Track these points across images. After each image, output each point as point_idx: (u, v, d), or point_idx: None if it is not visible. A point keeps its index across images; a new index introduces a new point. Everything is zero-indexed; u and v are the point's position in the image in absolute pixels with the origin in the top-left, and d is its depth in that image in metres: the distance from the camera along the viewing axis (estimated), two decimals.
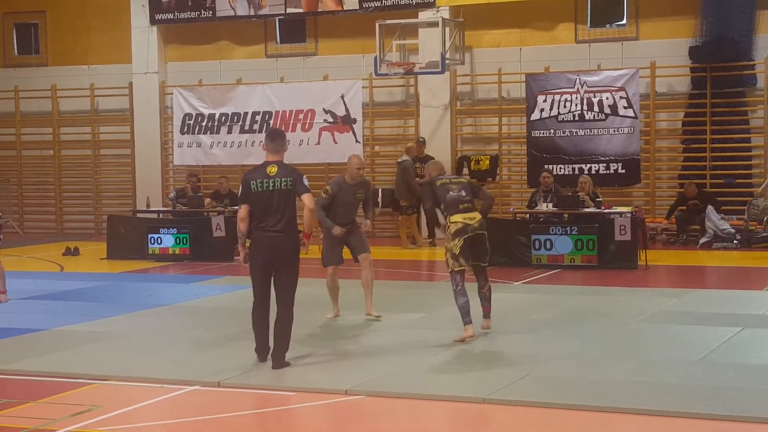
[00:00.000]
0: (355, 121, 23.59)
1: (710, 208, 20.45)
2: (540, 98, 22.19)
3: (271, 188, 9.86)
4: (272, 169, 9.94)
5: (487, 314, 11.51)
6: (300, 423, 8.45)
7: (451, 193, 11.33)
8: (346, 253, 12.67)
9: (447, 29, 21.41)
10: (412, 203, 21.19)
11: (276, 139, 10.16)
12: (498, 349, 10.71)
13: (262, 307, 10.08)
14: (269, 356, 10.03)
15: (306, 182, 9.96)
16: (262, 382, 9.41)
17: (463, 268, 11.13)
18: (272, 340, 10.06)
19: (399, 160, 21.53)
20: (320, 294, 13.14)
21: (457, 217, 11.19)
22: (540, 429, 7.95)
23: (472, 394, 8.79)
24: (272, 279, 10.04)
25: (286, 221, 9.88)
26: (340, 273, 12.68)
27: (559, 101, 22.07)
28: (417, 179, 20.69)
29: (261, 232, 9.94)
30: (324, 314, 12.67)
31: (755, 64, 21.54)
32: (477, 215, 11.30)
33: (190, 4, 24.87)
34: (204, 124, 24.82)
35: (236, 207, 20.36)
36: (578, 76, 22.01)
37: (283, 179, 9.88)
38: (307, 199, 9.87)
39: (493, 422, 8.20)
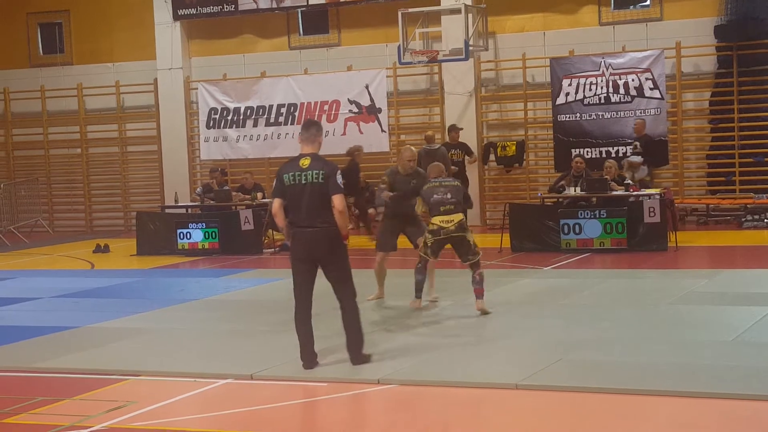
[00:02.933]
0: (380, 110, 23.59)
1: (643, 168, 19.77)
2: (565, 82, 22.10)
3: (303, 182, 9.41)
4: (305, 162, 9.48)
5: (479, 296, 11.76)
6: (333, 414, 8.46)
7: (435, 195, 11.86)
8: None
9: (470, 16, 21.36)
10: None
11: (309, 128, 9.71)
12: (529, 334, 10.69)
13: (303, 309, 9.60)
14: (317, 362, 9.60)
15: (339, 179, 9.40)
16: (294, 374, 9.42)
17: (426, 257, 11.91)
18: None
19: (429, 148, 21.30)
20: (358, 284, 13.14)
21: (436, 219, 11.83)
22: (573, 414, 7.94)
23: (505, 380, 8.79)
24: (315, 278, 9.65)
25: (320, 215, 9.40)
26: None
27: (585, 84, 21.97)
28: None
29: (297, 228, 9.51)
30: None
31: None
32: (456, 217, 11.78)
33: None
34: (229, 118, 24.88)
35: (265, 199, 20.72)
36: (603, 58, 21.90)
37: (314, 172, 9.41)
38: (336, 200, 9.34)
39: (526, 408, 8.18)
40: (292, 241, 9.63)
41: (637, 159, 19.67)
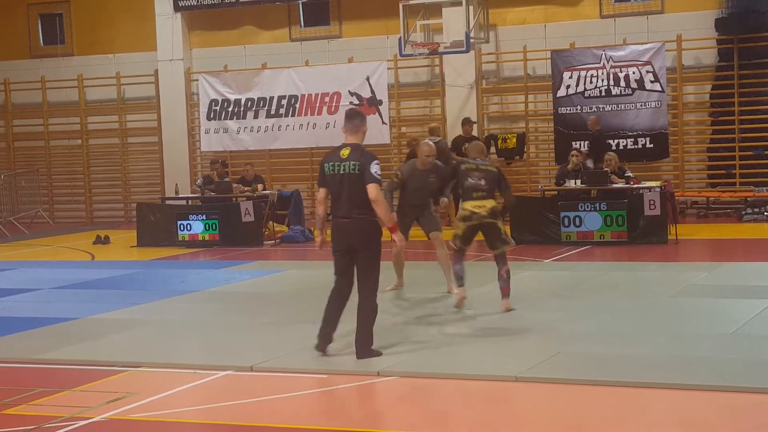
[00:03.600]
0: (381, 102, 23.57)
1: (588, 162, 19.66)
2: (566, 75, 22.09)
3: (341, 172, 9.43)
4: (345, 152, 9.49)
5: (505, 294, 11.59)
6: (333, 405, 8.47)
7: (470, 180, 11.53)
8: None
9: (471, 8, 21.32)
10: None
11: (353, 119, 9.69)
12: (529, 327, 10.69)
13: (337, 296, 9.65)
14: (329, 347, 9.66)
15: (374, 169, 9.32)
16: (294, 366, 9.43)
17: (459, 248, 11.63)
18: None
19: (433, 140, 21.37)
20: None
21: (467, 204, 11.49)
22: (573, 406, 7.94)
23: (505, 372, 8.78)
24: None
25: (356, 206, 9.40)
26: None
27: (585, 77, 21.97)
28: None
29: (335, 218, 9.57)
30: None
31: None
32: (488, 203, 11.46)
33: None
34: (230, 109, 24.87)
35: (266, 191, 20.78)
36: (604, 51, 21.90)
37: (351, 163, 9.39)
38: (370, 189, 9.31)
39: (526, 401, 8.19)
40: (332, 233, 9.64)
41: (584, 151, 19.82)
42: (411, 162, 13.04)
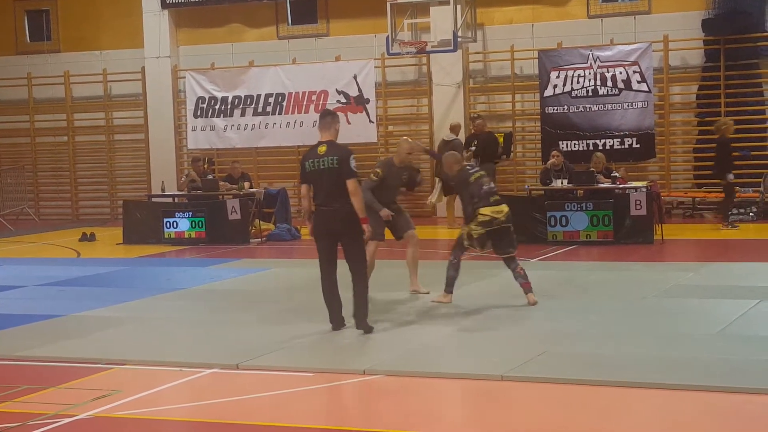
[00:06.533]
0: (368, 101, 23.57)
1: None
2: (553, 74, 22.12)
3: (321, 167, 10.35)
4: (322, 149, 10.44)
5: (528, 289, 11.74)
6: (318, 404, 8.46)
7: (485, 186, 11.78)
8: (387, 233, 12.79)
9: (458, 7, 21.34)
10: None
11: (325, 117, 10.76)
12: (515, 326, 10.71)
13: (328, 279, 10.59)
14: (344, 324, 10.65)
15: (353, 164, 10.34)
16: (280, 364, 9.43)
17: (465, 250, 11.78)
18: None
19: (447, 138, 21.33)
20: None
21: (486, 210, 11.67)
22: (558, 405, 7.95)
23: (490, 371, 8.79)
24: (337, 252, 10.60)
25: (336, 197, 10.31)
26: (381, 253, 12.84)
27: (573, 77, 22.00)
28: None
29: (319, 208, 10.47)
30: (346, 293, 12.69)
31: None
32: (504, 208, 11.73)
33: None
34: (217, 107, 24.84)
35: (252, 189, 20.78)
36: (591, 51, 21.93)
37: (329, 158, 10.34)
38: (349, 184, 10.28)
39: (511, 400, 8.20)
40: (314, 219, 10.56)
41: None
42: (388, 159, 12.87)
